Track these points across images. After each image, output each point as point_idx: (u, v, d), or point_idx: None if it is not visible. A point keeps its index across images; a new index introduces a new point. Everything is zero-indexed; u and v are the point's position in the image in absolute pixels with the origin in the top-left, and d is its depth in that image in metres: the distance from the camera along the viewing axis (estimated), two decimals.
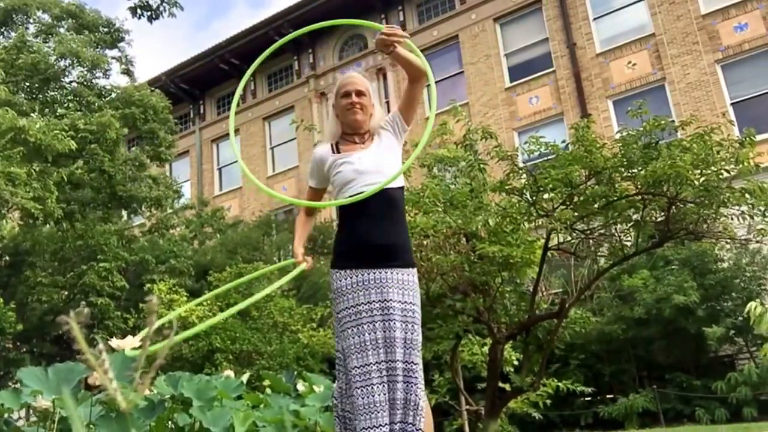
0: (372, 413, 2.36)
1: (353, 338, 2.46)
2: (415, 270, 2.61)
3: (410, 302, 2.53)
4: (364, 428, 2.35)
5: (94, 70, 12.46)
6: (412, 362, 2.44)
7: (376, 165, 2.67)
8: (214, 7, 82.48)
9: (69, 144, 9.29)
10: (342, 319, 2.53)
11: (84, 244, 12.03)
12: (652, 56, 14.66)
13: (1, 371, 12.14)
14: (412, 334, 2.48)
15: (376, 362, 2.42)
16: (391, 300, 2.49)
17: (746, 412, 8.76)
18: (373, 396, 2.37)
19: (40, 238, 12.43)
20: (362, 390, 2.38)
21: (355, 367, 2.42)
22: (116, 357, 2.19)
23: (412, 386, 2.41)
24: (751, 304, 5.16)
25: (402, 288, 2.53)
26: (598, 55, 15.28)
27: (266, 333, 10.21)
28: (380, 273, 2.52)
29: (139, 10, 7.25)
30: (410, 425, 2.37)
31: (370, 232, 2.58)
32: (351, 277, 2.54)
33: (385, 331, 2.45)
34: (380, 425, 2.34)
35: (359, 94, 2.78)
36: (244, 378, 3.72)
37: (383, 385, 2.40)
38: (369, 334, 2.45)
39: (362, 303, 2.50)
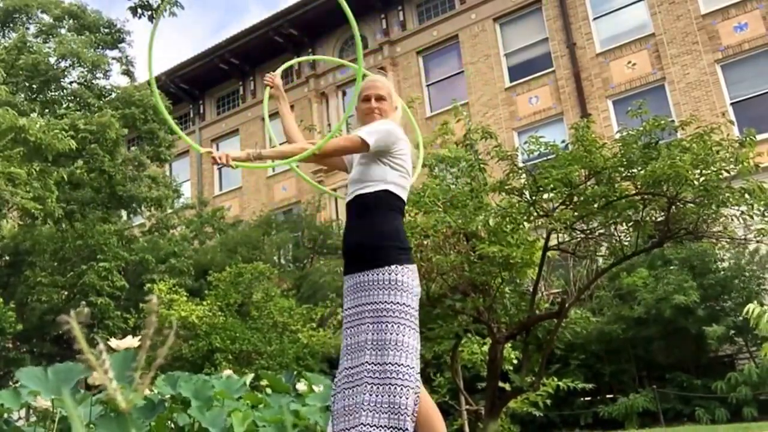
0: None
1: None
2: (391, 268, 2.47)
3: (382, 301, 2.44)
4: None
5: (94, 71, 12.46)
6: (388, 363, 2.35)
7: (360, 173, 2.66)
8: (230, 10, 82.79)
9: (69, 143, 9.29)
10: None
11: (84, 244, 12.03)
12: (651, 56, 14.66)
13: (1, 371, 12.14)
14: (385, 334, 2.39)
15: (345, 368, 2.44)
16: (361, 304, 2.47)
17: (746, 412, 8.76)
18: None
19: (40, 238, 12.43)
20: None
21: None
22: (116, 357, 2.19)
23: (387, 387, 2.33)
24: (749, 306, 5.16)
25: (368, 289, 2.47)
26: (598, 55, 15.28)
27: (266, 333, 10.21)
28: (351, 278, 2.54)
29: (139, 10, 7.25)
30: (387, 428, 2.29)
31: (343, 237, 2.68)
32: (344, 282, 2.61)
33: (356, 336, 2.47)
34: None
35: (379, 98, 2.77)
36: (248, 379, 3.72)
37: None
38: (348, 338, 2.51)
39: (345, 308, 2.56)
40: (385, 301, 2.42)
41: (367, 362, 2.36)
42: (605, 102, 14.94)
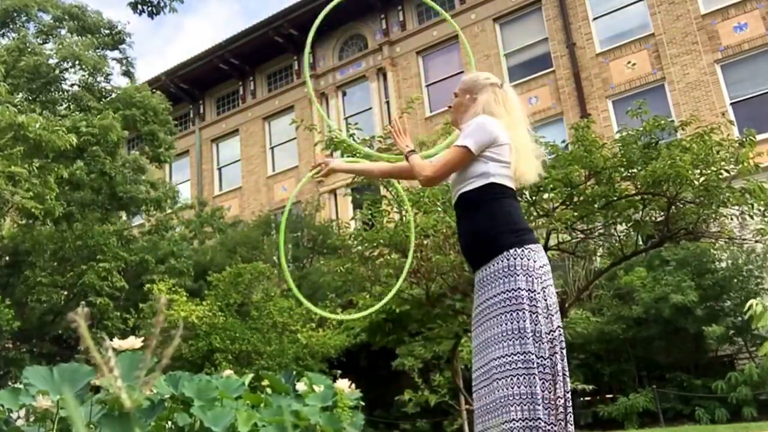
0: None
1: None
2: (497, 259, 2.39)
3: (502, 291, 2.37)
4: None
5: (95, 74, 12.46)
6: (512, 354, 2.31)
7: (459, 173, 2.59)
8: (253, 16, 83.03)
9: (69, 140, 9.27)
10: None
11: (83, 244, 12.02)
12: (651, 56, 14.66)
13: (1, 371, 12.13)
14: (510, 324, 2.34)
15: (475, 368, 2.45)
16: (486, 299, 2.44)
17: (746, 412, 8.77)
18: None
19: (39, 238, 12.42)
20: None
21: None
22: (122, 357, 2.19)
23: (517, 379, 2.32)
24: (752, 302, 5.16)
25: (490, 282, 2.42)
26: (598, 55, 15.28)
27: (266, 333, 10.21)
28: (476, 275, 2.50)
29: (139, 6, 7.23)
30: (520, 420, 2.29)
31: (459, 238, 2.68)
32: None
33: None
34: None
35: (455, 95, 2.77)
36: (247, 379, 3.72)
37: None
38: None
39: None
40: (505, 290, 2.35)
41: (493, 358, 2.31)
42: (605, 102, 14.95)
